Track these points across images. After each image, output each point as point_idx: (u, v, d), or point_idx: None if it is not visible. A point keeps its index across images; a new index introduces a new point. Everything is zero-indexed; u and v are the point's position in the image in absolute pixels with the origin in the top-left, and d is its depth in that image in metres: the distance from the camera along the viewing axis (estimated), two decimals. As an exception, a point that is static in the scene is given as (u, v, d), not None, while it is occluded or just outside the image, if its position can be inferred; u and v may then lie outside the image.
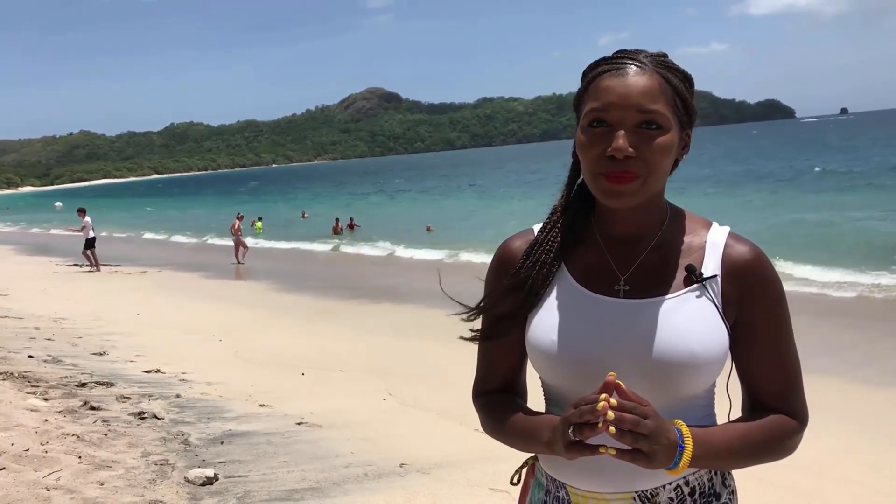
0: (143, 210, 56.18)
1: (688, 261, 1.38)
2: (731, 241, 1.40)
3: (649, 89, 1.31)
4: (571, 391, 1.38)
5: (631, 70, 1.32)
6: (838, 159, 47.37)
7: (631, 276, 1.39)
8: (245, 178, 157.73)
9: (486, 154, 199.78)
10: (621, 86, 1.31)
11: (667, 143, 1.31)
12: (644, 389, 1.32)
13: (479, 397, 1.55)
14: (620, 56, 1.36)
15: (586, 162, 1.34)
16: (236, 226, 21.34)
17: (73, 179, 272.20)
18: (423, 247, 20.94)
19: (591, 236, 1.44)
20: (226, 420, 5.99)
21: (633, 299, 1.37)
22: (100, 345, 9.15)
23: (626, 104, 1.29)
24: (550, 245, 1.44)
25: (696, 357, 1.31)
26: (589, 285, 1.40)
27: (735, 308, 1.36)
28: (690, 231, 1.42)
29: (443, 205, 40.12)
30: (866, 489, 4.74)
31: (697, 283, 1.36)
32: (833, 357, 7.81)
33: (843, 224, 19.67)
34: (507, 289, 1.44)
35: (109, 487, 4.29)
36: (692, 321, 1.33)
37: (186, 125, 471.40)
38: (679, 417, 1.36)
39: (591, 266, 1.42)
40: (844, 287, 12.06)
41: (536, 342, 1.40)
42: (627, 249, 1.41)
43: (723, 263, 1.38)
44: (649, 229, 1.41)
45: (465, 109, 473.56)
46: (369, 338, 9.79)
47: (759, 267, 1.38)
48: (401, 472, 4.90)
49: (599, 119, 1.31)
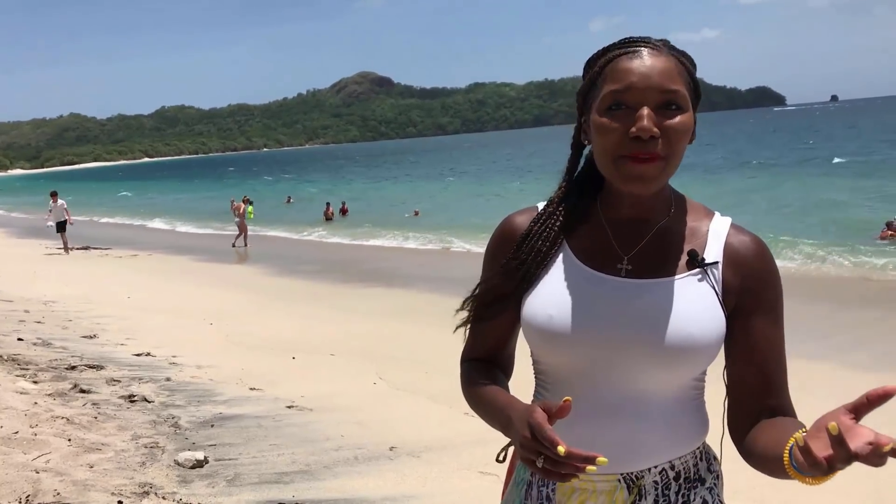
0: (146, 195, 55.51)
1: (690, 246, 1.38)
2: (733, 230, 1.40)
3: (669, 70, 1.30)
4: (566, 368, 1.38)
5: (646, 52, 1.31)
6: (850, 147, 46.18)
7: (634, 256, 1.38)
8: (235, 161, 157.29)
9: (477, 139, 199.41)
10: (641, 66, 1.29)
11: (687, 123, 1.30)
12: (637, 369, 1.33)
13: (463, 363, 1.57)
14: (631, 41, 1.34)
15: (607, 145, 1.31)
16: (241, 209, 21.01)
17: (63, 162, 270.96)
18: (412, 231, 21.00)
19: (594, 218, 1.44)
20: (216, 403, 5.99)
21: (635, 279, 1.37)
22: (90, 328, 9.12)
23: (647, 84, 1.28)
24: (546, 232, 1.43)
25: (693, 339, 1.31)
26: (591, 263, 1.40)
27: (734, 297, 1.36)
28: (694, 218, 1.42)
29: (429, 189, 40.12)
30: (854, 475, 4.77)
31: (699, 268, 1.36)
32: (820, 342, 7.86)
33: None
34: (501, 274, 1.44)
35: (99, 470, 4.28)
36: (692, 304, 1.33)
37: (177, 108, 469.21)
38: (670, 399, 1.37)
39: (594, 245, 1.42)
40: (837, 268, 12.21)
41: (532, 317, 1.39)
42: (631, 232, 1.40)
43: (725, 252, 1.38)
44: (655, 214, 1.41)
45: (457, 94, 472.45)
46: (360, 322, 9.79)
47: (761, 258, 1.38)
48: (391, 456, 4.92)
49: (619, 101, 1.29)
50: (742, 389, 1.38)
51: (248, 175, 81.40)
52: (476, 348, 1.56)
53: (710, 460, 1.45)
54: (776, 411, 1.35)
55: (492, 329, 1.52)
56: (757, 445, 1.30)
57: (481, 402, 1.46)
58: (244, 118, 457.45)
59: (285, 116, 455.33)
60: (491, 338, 1.54)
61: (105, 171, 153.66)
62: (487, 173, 51.25)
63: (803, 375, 6.63)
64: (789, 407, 1.37)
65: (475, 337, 1.55)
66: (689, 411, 1.40)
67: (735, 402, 1.39)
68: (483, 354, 1.55)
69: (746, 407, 1.37)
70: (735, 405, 1.39)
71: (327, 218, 27.04)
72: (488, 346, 1.55)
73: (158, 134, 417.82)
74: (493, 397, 1.42)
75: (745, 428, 1.36)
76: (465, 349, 1.58)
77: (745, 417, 1.37)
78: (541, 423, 1.18)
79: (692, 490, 1.40)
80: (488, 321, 1.50)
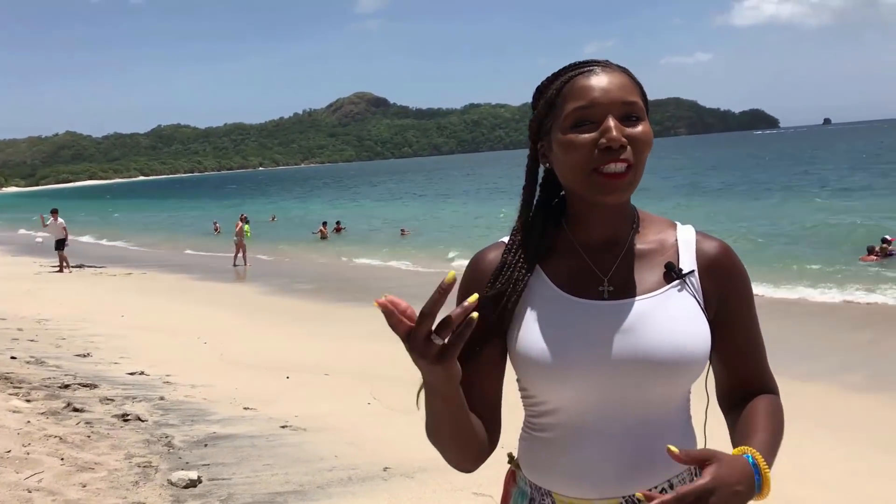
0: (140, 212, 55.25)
1: (663, 259, 1.40)
2: (700, 238, 1.44)
3: (625, 84, 1.34)
4: (562, 398, 1.37)
5: (600, 70, 1.36)
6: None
7: (612, 277, 1.39)
8: (230, 180, 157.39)
9: (474, 159, 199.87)
10: (600, 83, 1.33)
11: (648, 132, 1.34)
12: (636, 389, 1.34)
13: None
14: (581, 63, 1.39)
15: (577, 161, 1.32)
16: (239, 227, 20.94)
17: (58, 180, 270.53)
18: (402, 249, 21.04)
19: (565, 244, 1.44)
20: (210, 423, 5.98)
21: (619, 300, 1.38)
22: (84, 346, 9.10)
23: (609, 99, 1.32)
24: (520, 262, 1.41)
25: (686, 352, 1.33)
26: (573, 291, 1.40)
27: (714, 302, 1.39)
28: (659, 230, 1.45)
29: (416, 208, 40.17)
30: (846, 495, 4.79)
31: (678, 280, 1.38)
32: (813, 363, 7.88)
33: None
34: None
35: (92, 489, 4.27)
36: (678, 317, 1.35)
37: (173, 127, 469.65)
38: (668, 416, 1.38)
39: (572, 272, 1.42)
40: (826, 293, 12.23)
41: (525, 352, 1.37)
42: (604, 252, 1.41)
43: (697, 259, 1.41)
44: (622, 231, 1.42)
45: (453, 115, 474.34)
46: (355, 341, 9.77)
47: (731, 260, 1.43)
48: (385, 476, 4.91)
49: (584, 118, 1.32)
50: (734, 383, 1.46)
51: (252, 194, 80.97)
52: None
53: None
54: (763, 390, 1.46)
55: (477, 375, 1.39)
56: (736, 429, 1.42)
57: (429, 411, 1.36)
58: (240, 137, 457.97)
59: (281, 136, 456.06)
60: (476, 389, 1.38)
61: (98, 190, 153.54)
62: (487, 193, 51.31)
63: (793, 398, 6.66)
64: (775, 385, 1.48)
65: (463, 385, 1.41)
66: (683, 425, 1.42)
67: (725, 392, 1.48)
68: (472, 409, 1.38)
69: (737, 394, 1.46)
70: (726, 394, 1.48)
71: (322, 236, 27.09)
72: (471, 402, 1.35)
73: (154, 152, 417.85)
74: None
75: (735, 406, 1.46)
76: None
77: (736, 400, 1.46)
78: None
79: None
80: (472, 365, 1.36)
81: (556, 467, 1.40)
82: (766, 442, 1.32)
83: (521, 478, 1.50)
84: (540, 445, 1.43)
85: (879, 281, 12.74)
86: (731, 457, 1.24)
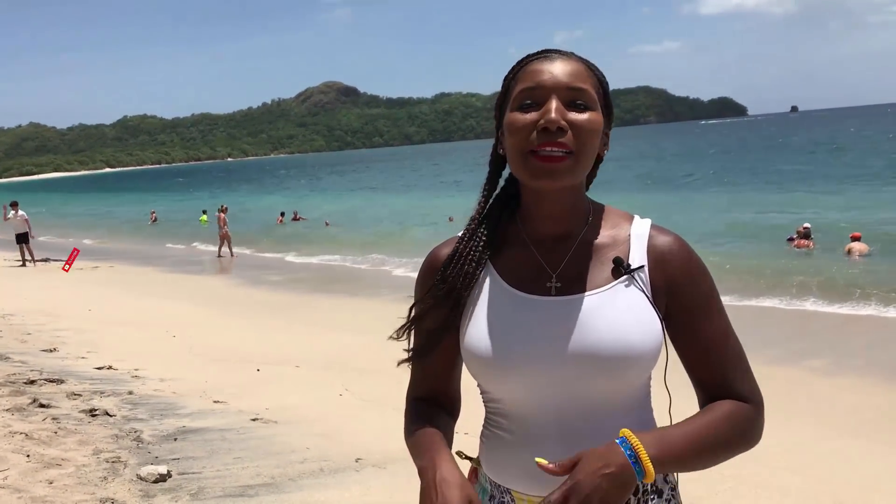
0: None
1: (614, 254, 1.40)
2: (654, 231, 1.42)
3: (577, 71, 1.35)
4: (511, 395, 1.39)
5: (556, 56, 1.37)
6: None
7: (561, 273, 1.39)
8: (196, 172, 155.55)
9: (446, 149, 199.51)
10: (551, 67, 1.35)
11: (595, 120, 1.33)
12: (583, 385, 1.34)
13: (407, 403, 1.55)
14: (544, 50, 1.40)
15: (516, 143, 1.33)
16: (222, 218, 20.91)
17: (21, 173, 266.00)
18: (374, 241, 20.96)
19: (517, 238, 1.44)
20: (179, 417, 5.93)
21: (566, 296, 1.37)
22: (50, 341, 8.96)
23: (555, 82, 1.32)
24: (471, 254, 1.43)
25: (632, 347, 1.32)
26: (520, 286, 1.40)
27: (665, 296, 1.37)
28: (614, 225, 1.44)
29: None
30: (813, 479, 4.86)
31: (626, 275, 1.37)
32: (780, 347, 8.00)
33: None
34: (432, 303, 1.43)
35: (59, 486, 4.22)
36: (625, 312, 1.34)
37: (140, 118, 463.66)
38: (620, 411, 1.37)
39: (521, 267, 1.42)
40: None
41: (472, 348, 1.39)
42: (555, 247, 1.41)
43: (648, 254, 1.39)
44: (574, 226, 1.42)
45: (424, 104, 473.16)
46: (326, 333, 9.74)
47: (683, 253, 1.39)
48: (357, 468, 4.90)
49: (529, 99, 1.33)
50: (707, 386, 1.39)
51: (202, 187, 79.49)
52: (418, 385, 1.54)
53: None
54: (730, 396, 1.37)
55: (431, 363, 1.49)
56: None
57: (411, 442, 1.44)
58: (208, 128, 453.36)
59: (250, 126, 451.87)
60: (431, 374, 1.52)
61: (65, 183, 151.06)
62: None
63: (760, 382, 6.76)
64: (752, 393, 1.38)
65: (416, 373, 1.53)
66: (638, 421, 1.40)
67: (698, 393, 1.42)
68: (426, 392, 1.53)
69: (705, 395, 1.40)
70: (698, 397, 1.42)
71: (280, 223, 27.95)
72: (430, 384, 1.53)
73: (120, 144, 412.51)
74: (421, 440, 1.40)
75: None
76: (409, 385, 1.56)
77: (703, 402, 1.40)
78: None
79: (650, 503, 1.40)
80: (427, 353, 1.47)
81: (511, 465, 1.41)
82: (674, 436, 1.28)
83: (482, 475, 1.51)
84: (497, 443, 1.44)
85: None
86: (601, 447, 1.24)
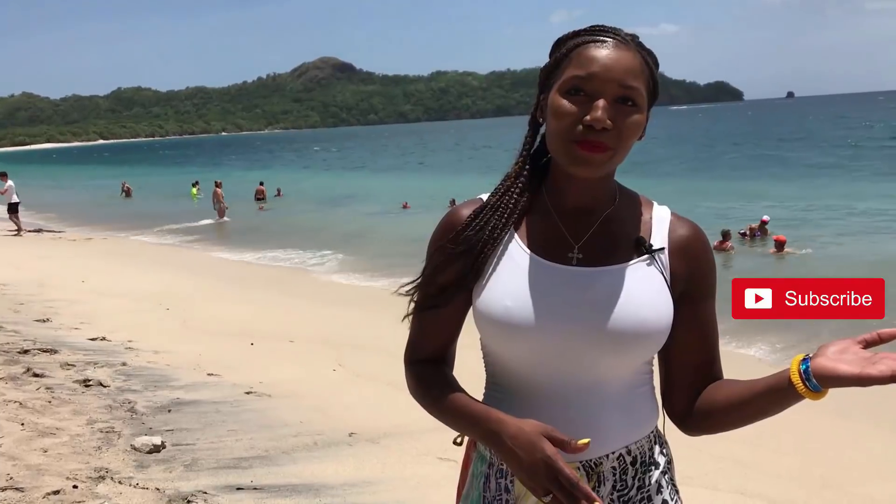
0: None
1: (637, 233, 1.42)
2: (674, 218, 1.45)
3: (632, 66, 1.33)
4: (524, 359, 1.39)
5: (614, 44, 1.34)
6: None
7: (584, 245, 1.41)
8: (183, 145, 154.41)
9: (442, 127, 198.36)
10: (606, 58, 1.32)
11: (640, 121, 1.33)
12: (592, 356, 1.36)
13: (411, 365, 1.52)
14: (602, 29, 1.37)
15: (560, 127, 1.33)
16: (218, 193, 22.18)
17: (14, 143, 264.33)
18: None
19: (542, 206, 1.45)
20: (173, 388, 5.95)
21: (587, 267, 1.39)
22: (43, 311, 8.96)
23: (609, 77, 1.31)
24: (503, 209, 1.43)
25: (645, 324, 1.34)
26: (542, 253, 1.41)
27: (681, 283, 1.41)
28: (637, 207, 1.46)
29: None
30: (799, 459, 4.93)
31: (647, 254, 1.40)
32: (773, 333, 8.05)
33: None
34: (454, 254, 1.41)
35: (53, 454, 4.23)
36: (643, 290, 1.37)
37: (134, 90, 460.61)
38: (625, 385, 1.40)
39: (544, 235, 1.43)
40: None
41: (488, 310, 1.39)
42: (580, 220, 1.43)
43: (669, 239, 1.42)
44: (601, 203, 1.43)
45: (419, 82, 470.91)
46: (320, 308, 9.77)
47: (702, 244, 1.44)
48: (350, 442, 4.94)
49: (579, 87, 1.32)
50: (690, 369, 1.44)
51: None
52: (423, 346, 1.51)
53: (663, 444, 1.49)
54: (717, 378, 1.45)
55: (441, 323, 1.48)
56: (718, 401, 1.39)
57: (448, 410, 1.41)
58: (202, 101, 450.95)
59: (244, 100, 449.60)
60: (437, 334, 1.49)
61: (58, 153, 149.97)
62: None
63: (744, 362, 6.78)
64: (721, 371, 1.47)
65: (422, 332, 1.50)
66: (642, 396, 1.44)
67: (680, 380, 1.45)
68: (430, 353, 1.50)
69: (693, 382, 1.44)
70: (680, 383, 1.45)
71: (257, 198, 26.72)
72: (436, 344, 1.50)
73: (114, 116, 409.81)
74: (465, 407, 1.39)
75: (690, 399, 1.44)
76: (408, 348, 1.53)
77: (690, 391, 1.44)
78: (559, 464, 1.24)
79: (647, 474, 1.43)
80: (437, 313, 1.45)
81: None
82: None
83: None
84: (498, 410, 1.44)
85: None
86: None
